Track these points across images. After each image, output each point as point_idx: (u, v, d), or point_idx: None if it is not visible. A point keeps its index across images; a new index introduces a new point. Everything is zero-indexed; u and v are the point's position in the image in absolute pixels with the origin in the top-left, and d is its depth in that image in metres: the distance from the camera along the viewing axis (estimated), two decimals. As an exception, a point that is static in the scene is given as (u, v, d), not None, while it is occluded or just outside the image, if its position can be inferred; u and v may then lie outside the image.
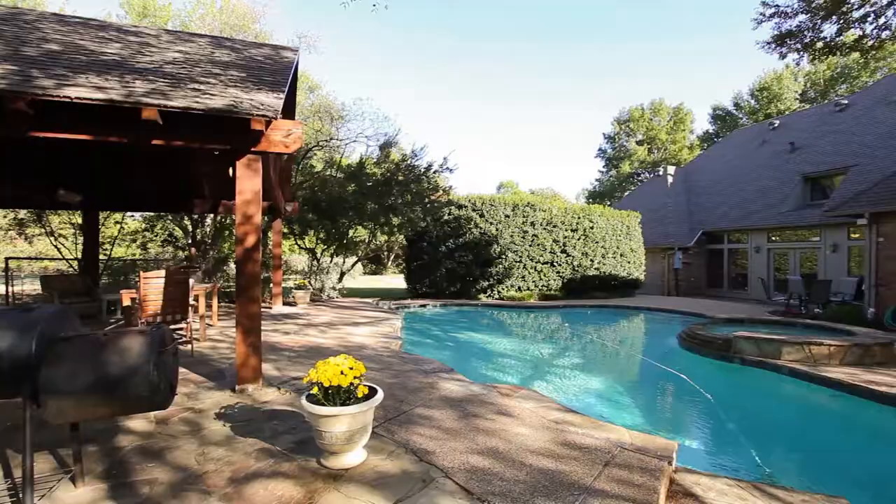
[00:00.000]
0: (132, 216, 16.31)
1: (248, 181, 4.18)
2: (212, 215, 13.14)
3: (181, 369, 4.69)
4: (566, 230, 16.27)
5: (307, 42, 18.65)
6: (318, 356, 5.31)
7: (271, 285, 10.77)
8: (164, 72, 4.47)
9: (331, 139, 16.47)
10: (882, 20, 7.21)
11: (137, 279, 5.42)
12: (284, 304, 10.90)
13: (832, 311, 11.32)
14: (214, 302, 8.03)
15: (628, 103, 64.20)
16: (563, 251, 16.16)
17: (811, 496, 2.71)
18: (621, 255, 17.55)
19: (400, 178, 14.03)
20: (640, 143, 44.74)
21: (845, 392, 5.48)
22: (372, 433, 2.99)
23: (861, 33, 7.51)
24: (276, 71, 5.32)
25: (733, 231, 18.61)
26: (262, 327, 4.53)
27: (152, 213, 14.40)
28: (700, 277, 19.89)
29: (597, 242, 16.83)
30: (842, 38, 7.67)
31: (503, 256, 15.15)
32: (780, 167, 19.13)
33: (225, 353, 5.68)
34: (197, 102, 3.75)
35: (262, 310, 5.27)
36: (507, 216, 15.40)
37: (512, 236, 15.34)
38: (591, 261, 16.67)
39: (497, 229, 15.17)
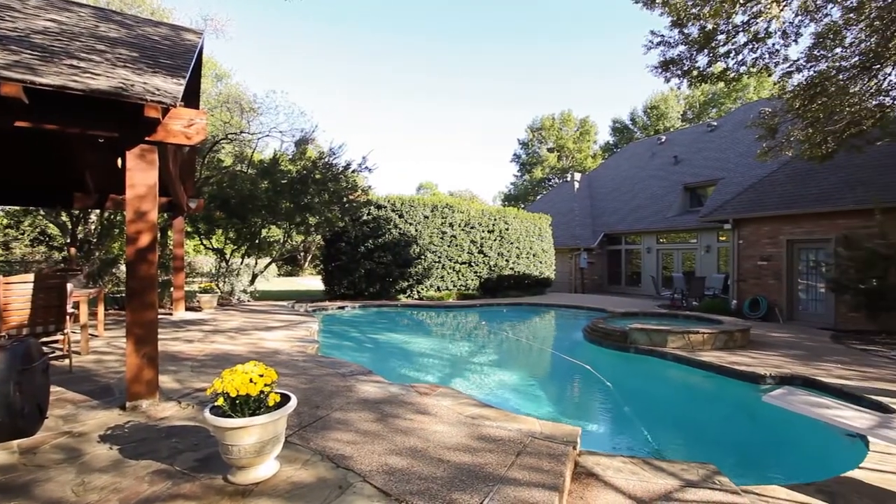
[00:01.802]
0: (-11, 210, 13.78)
1: (140, 174, 3.75)
2: (97, 211, 11.55)
3: (57, 388, 4.09)
4: (483, 231, 16.88)
5: (214, 25, 17.27)
6: (225, 364, 4.94)
7: (172, 289, 9.77)
8: (31, 42, 3.84)
9: (241, 132, 15.32)
10: (740, 57, 8.64)
11: (-5, 285, 4.59)
12: (188, 309, 9.96)
13: (706, 304, 13.13)
14: (100, 309, 7.07)
15: (543, 111, 68.56)
16: (481, 251, 16.75)
17: (687, 465, 3.13)
18: (534, 256, 18.65)
19: (317, 176, 13.52)
20: (550, 150, 47.84)
21: (714, 372, 6.40)
22: (286, 442, 2.86)
23: (725, 66, 8.89)
24: (177, 54, 4.84)
25: (629, 233, 20.69)
26: (161, 335, 4.10)
27: (18, 208, 12.29)
28: (602, 276, 21.85)
29: (512, 243, 17.70)
30: (711, 69, 8.99)
31: (422, 257, 15.29)
32: (666, 177, 21.71)
33: (113, 367, 5.04)
34: (75, 81, 3.28)
35: (161, 316, 4.75)
36: (427, 217, 15.57)
37: (431, 237, 15.54)
38: (507, 261, 17.49)
39: (416, 230, 15.27)
